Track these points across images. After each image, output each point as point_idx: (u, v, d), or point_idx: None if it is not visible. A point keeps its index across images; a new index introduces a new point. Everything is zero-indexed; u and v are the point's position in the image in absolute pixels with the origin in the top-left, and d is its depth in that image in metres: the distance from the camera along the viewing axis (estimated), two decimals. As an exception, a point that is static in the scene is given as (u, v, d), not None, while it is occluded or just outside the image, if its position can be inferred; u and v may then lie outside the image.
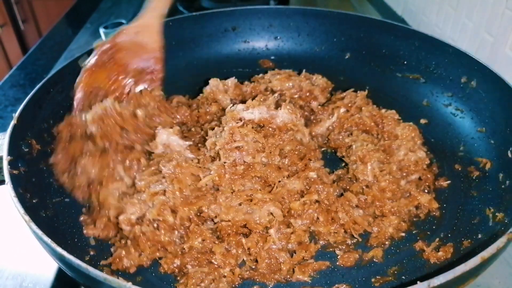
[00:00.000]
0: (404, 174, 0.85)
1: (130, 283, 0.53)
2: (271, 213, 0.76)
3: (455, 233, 0.77)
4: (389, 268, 0.73)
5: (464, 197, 0.84)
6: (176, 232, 0.75)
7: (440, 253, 0.73)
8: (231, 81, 1.04)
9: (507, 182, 0.79)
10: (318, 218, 0.78)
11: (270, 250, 0.73)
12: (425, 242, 0.76)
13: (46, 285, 0.78)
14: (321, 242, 0.78)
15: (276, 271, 0.73)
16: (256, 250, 0.73)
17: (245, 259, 0.74)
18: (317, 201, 0.80)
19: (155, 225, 0.74)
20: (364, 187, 0.83)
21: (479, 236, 0.74)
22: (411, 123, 0.93)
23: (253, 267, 0.74)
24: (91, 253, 0.75)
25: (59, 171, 0.83)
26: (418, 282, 0.53)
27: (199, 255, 0.73)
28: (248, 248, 0.74)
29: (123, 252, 0.73)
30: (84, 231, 0.78)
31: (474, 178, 0.87)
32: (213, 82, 1.03)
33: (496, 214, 0.75)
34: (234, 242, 0.74)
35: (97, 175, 0.81)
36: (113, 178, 0.81)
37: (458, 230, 0.78)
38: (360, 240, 0.77)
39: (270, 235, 0.75)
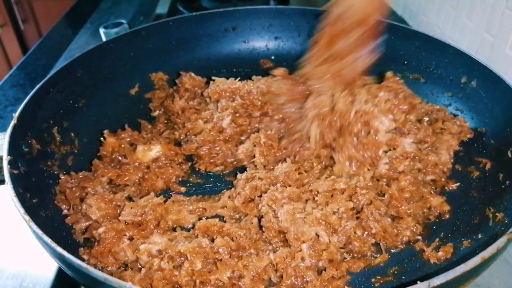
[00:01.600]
0: (422, 175, 0.85)
1: (130, 283, 0.53)
2: (317, 234, 0.73)
3: (455, 233, 0.77)
4: (389, 268, 0.73)
5: (464, 197, 0.84)
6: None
7: (440, 253, 0.73)
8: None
9: (507, 182, 0.79)
10: (355, 232, 0.75)
11: (298, 267, 0.69)
12: (425, 242, 0.76)
13: (46, 285, 0.78)
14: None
15: None
16: (283, 266, 0.70)
17: (271, 275, 0.70)
18: (353, 208, 0.77)
19: (179, 260, 0.69)
20: (383, 184, 0.83)
21: (479, 236, 0.74)
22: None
23: (275, 281, 0.70)
24: (91, 253, 0.75)
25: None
26: (418, 282, 0.53)
27: (225, 283, 0.68)
28: (276, 264, 0.70)
29: (130, 278, 0.68)
30: (80, 253, 0.73)
31: (474, 178, 0.87)
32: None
33: (496, 214, 0.75)
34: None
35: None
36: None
37: (458, 230, 0.78)
38: (384, 255, 0.75)
39: (300, 250, 0.71)
